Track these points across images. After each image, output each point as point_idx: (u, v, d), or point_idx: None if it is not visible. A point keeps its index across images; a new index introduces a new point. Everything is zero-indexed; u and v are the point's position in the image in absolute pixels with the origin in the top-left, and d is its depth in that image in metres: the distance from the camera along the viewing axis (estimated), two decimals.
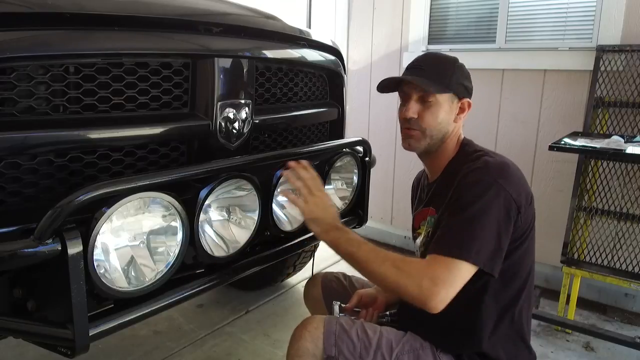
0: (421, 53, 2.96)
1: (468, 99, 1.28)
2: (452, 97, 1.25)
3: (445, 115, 1.25)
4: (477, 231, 1.08)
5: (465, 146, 1.30)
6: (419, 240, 1.35)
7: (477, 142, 1.33)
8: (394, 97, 3.14)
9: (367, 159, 1.70)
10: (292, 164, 1.32)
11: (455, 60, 1.29)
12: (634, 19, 2.27)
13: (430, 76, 1.24)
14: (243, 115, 1.36)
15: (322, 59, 1.73)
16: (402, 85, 1.28)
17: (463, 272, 1.08)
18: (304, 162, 1.34)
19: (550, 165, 2.54)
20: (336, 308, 1.38)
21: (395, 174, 3.19)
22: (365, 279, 1.59)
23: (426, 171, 1.40)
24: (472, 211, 1.10)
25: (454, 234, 1.11)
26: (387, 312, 1.41)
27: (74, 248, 0.89)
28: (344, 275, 1.59)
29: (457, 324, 1.20)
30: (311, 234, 1.54)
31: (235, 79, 1.33)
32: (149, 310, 1.08)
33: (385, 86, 1.32)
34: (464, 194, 1.14)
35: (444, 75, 1.24)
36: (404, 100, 1.28)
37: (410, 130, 1.28)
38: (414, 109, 1.26)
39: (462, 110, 1.28)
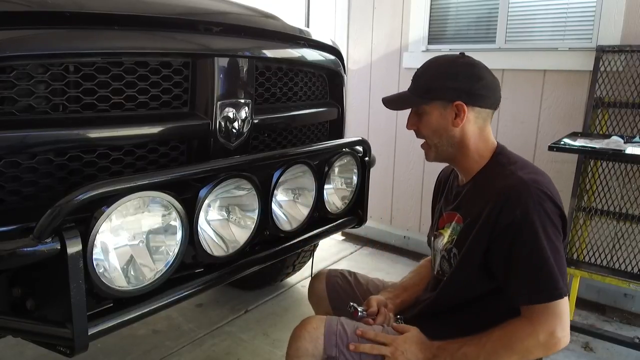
0: (421, 53, 2.97)
1: (461, 102, 1.20)
2: (440, 103, 1.22)
3: (438, 123, 1.23)
4: (553, 265, 1.09)
5: (498, 155, 1.25)
6: (440, 243, 1.33)
7: None
8: None
9: (366, 158, 1.70)
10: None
11: (448, 62, 1.24)
12: (634, 19, 2.27)
13: (414, 89, 1.26)
14: (243, 114, 1.36)
15: (322, 58, 1.73)
16: None
17: (563, 307, 1.10)
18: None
19: (550, 166, 2.54)
20: (360, 310, 1.36)
21: (395, 173, 3.19)
22: (370, 276, 1.60)
23: (457, 172, 1.36)
24: (540, 249, 1.09)
25: (537, 278, 1.10)
26: (398, 316, 1.40)
27: (73, 247, 0.89)
28: (349, 271, 1.59)
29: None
30: (310, 233, 1.55)
31: (235, 79, 1.33)
32: (148, 309, 1.08)
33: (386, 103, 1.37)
34: (520, 233, 1.10)
35: (427, 84, 1.24)
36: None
37: (422, 144, 1.31)
38: (411, 121, 1.29)
39: (459, 113, 1.22)
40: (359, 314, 1.35)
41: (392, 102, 1.33)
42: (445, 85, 1.21)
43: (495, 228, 1.12)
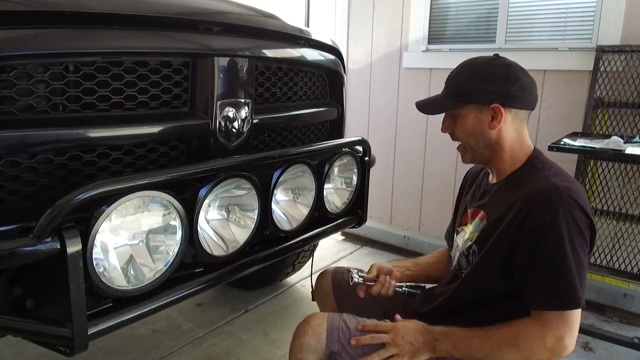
0: (420, 53, 2.97)
1: (498, 104, 1.18)
2: (476, 106, 1.21)
3: (474, 126, 1.22)
4: (574, 274, 1.08)
5: (534, 160, 1.24)
6: (461, 239, 1.33)
7: None
8: (393, 97, 3.14)
9: (366, 158, 1.70)
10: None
11: (479, 64, 1.23)
12: (634, 20, 2.27)
13: (449, 92, 1.25)
14: (243, 114, 1.36)
15: (322, 58, 1.73)
16: None
17: (574, 316, 1.10)
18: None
19: None
20: (355, 275, 1.38)
21: (395, 173, 3.19)
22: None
23: (489, 171, 1.34)
24: (563, 256, 1.08)
25: (556, 284, 1.09)
26: (403, 284, 1.42)
27: (73, 247, 0.89)
28: (356, 269, 1.59)
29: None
30: (310, 233, 1.55)
31: (234, 78, 1.33)
32: (148, 309, 1.08)
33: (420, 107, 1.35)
34: (546, 239, 1.09)
35: (462, 87, 1.22)
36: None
37: (458, 145, 1.31)
38: (445, 124, 1.28)
39: (496, 115, 1.20)
40: (355, 279, 1.37)
41: (426, 107, 1.31)
42: (482, 88, 1.20)
43: (521, 230, 1.12)
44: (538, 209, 1.10)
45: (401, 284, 1.42)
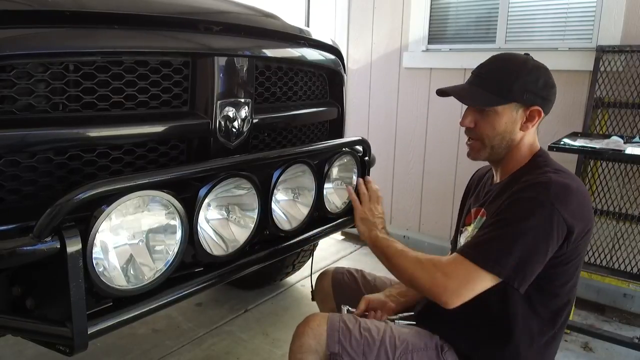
0: (420, 52, 2.97)
1: (538, 107, 1.17)
2: (515, 105, 1.17)
3: (506, 126, 1.19)
4: (514, 248, 1.06)
5: (538, 158, 1.23)
6: (463, 238, 1.34)
7: None
8: (393, 97, 3.14)
9: (366, 158, 1.69)
10: (363, 180, 1.51)
11: (524, 62, 1.19)
12: (634, 20, 2.27)
13: (488, 85, 1.18)
14: (243, 114, 1.36)
15: (322, 58, 1.73)
16: None
17: (483, 280, 1.08)
18: (371, 180, 1.51)
19: None
20: (344, 311, 1.37)
21: (395, 173, 3.19)
22: (379, 273, 1.60)
23: (494, 172, 1.34)
24: (517, 228, 1.07)
25: (490, 244, 1.08)
26: (397, 316, 1.39)
27: (73, 246, 0.89)
28: (356, 269, 1.59)
29: (487, 332, 1.20)
30: (310, 233, 1.55)
31: (234, 78, 1.33)
32: (148, 308, 1.08)
33: (442, 93, 1.28)
34: (515, 207, 1.10)
35: (504, 83, 1.16)
36: (466, 107, 1.25)
37: (470, 141, 1.26)
38: (469, 118, 1.22)
39: (531, 118, 1.18)
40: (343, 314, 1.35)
41: (461, 95, 1.22)
42: (527, 88, 1.16)
43: (500, 202, 1.14)
44: (530, 187, 1.11)
45: (394, 317, 1.38)
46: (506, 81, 1.17)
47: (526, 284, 1.08)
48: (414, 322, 1.35)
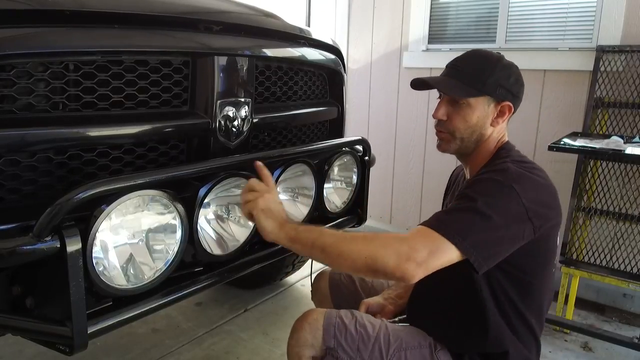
0: (421, 52, 2.97)
1: (509, 103, 1.20)
2: (488, 99, 1.19)
3: (478, 119, 1.20)
4: (474, 221, 1.04)
5: (501, 150, 1.23)
6: None
7: None
8: (393, 97, 3.14)
9: (366, 158, 1.70)
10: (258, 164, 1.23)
11: (498, 59, 1.21)
12: (634, 20, 2.27)
13: (463, 77, 1.20)
14: (243, 113, 1.36)
15: (322, 57, 1.73)
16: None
17: (447, 251, 1.02)
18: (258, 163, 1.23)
19: (550, 165, 2.54)
20: None
21: (395, 173, 3.19)
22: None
23: (464, 170, 1.35)
24: (480, 203, 1.05)
25: (452, 215, 1.07)
26: (397, 319, 1.38)
27: (73, 245, 0.89)
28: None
29: (465, 325, 1.20)
30: None
31: (235, 77, 1.33)
32: (148, 308, 1.08)
33: (417, 84, 1.28)
34: (476, 186, 1.11)
35: (480, 77, 1.18)
36: (440, 100, 1.26)
37: (440, 133, 1.26)
38: (442, 110, 1.23)
39: (501, 113, 1.21)
40: None
41: (440, 84, 1.23)
42: (499, 83, 1.18)
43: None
44: (483, 173, 1.14)
45: (394, 320, 1.37)
46: (481, 74, 1.18)
47: (485, 265, 1.04)
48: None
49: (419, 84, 1.27)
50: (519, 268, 1.13)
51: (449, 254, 1.02)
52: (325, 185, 1.56)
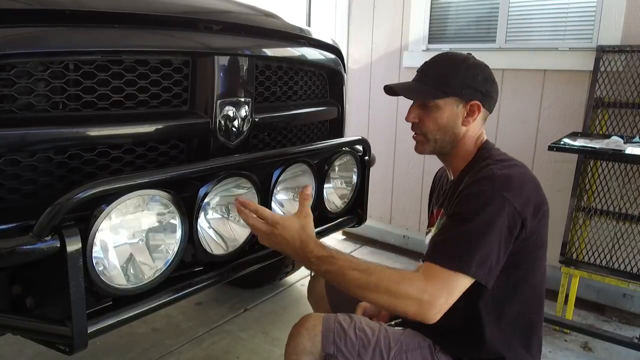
0: (421, 52, 2.96)
1: (477, 101, 1.21)
2: (455, 100, 1.21)
3: (448, 120, 1.22)
4: (477, 244, 1.06)
5: (482, 150, 1.26)
6: (428, 239, 1.35)
7: None
8: (393, 97, 3.14)
9: (366, 158, 1.70)
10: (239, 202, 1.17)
11: (463, 60, 1.23)
12: (634, 20, 2.27)
13: (429, 81, 1.23)
14: (243, 113, 1.36)
15: (322, 57, 1.73)
16: None
17: (460, 283, 1.06)
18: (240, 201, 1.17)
19: (550, 165, 2.54)
20: None
21: (395, 173, 3.19)
22: None
23: (447, 170, 1.37)
24: (474, 224, 1.07)
25: (453, 245, 1.08)
26: (393, 322, 1.38)
27: (73, 245, 0.89)
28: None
29: (461, 330, 1.20)
30: None
31: (235, 77, 1.33)
32: (148, 307, 1.08)
33: (388, 91, 1.32)
34: (466, 205, 1.12)
35: (444, 79, 1.21)
36: (411, 104, 1.28)
37: (415, 135, 1.30)
38: (413, 113, 1.27)
39: (471, 112, 1.22)
40: None
41: (408, 92, 1.27)
42: (465, 83, 1.20)
43: (452, 202, 1.16)
44: (471, 185, 1.14)
45: (390, 323, 1.37)
46: (445, 76, 1.21)
47: (492, 279, 1.09)
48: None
49: (389, 91, 1.31)
50: (512, 264, 1.14)
51: (463, 285, 1.07)
52: (325, 185, 1.56)
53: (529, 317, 1.22)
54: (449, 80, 1.21)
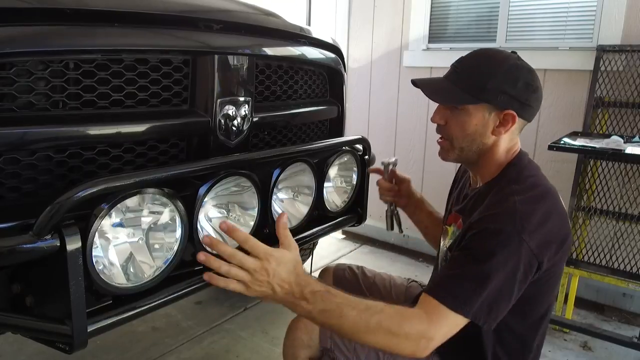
0: (421, 51, 2.96)
1: (513, 111, 1.07)
2: (488, 107, 1.08)
3: (476, 128, 1.10)
4: (486, 288, 0.99)
5: (512, 167, 1.13)
6: (443, 241, 1.31)
7: None
8: (393, 96, 3.14)
9: (366, 157, 1.69)
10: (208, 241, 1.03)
11: (504, 60, 1.08)
12: (635, 19, 2.27)
13: (460, 81, 1.10)
14: (243, 112, 1.36)
15: (322, 56, 1.73)
16: None
17: (461, 322, 1.01)
18: (226, 226, 1.03)
19: (550, 165, 2.54)
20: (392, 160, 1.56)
21: None
22: (379, 271, 1.60)
23: (470, 174, 1.26)
24: (485, 266, 0.99)
25: (461, 284, 1.00)
26: (397, 210, 1.61)
27: (73, 244, 0.89)
28: (357, 266, 1.58)
29: (462, 343, 1.14)
30: (310, 231, 1.54)
31: (235, 76, 1.33)
32: (148, 306, 1.08)
33: (415, 85, 1.21)
34: (480, 242, 1.02)
35: (479, 81, 1.07)
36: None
37: (441, 139, 1.19)
38: (440, 114, 1.15)
39: (504, 123, 1.09)
40: (391, 162, 1.58)
41: (433, 93, 1.14)
42: (502, 89, 1.06)
43: (467, 232, 1.07)
44: (490, 218, 1.04)
45: (395, 210, 1.57)
46: (480, 79, 1.07)
47: (494, 322, 1.02)
48: (396, 229, 1.50)
49: (416, 84, 1.22)
50: (523, 299, 1.07)
51: (460, 324, 1.01)
52: (325, 185, 1.56)
53: (531, 343, 1.17)
54: (484, 83, 1.06)
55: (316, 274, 1.65)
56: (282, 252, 1.02)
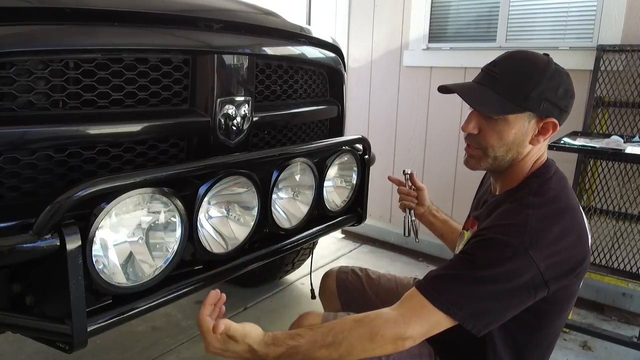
0: (421, 51, 2.96)
1: (554, 119, 1.03)
2: (529, 115, 1.03)
3: (515, 137, 1.04)
4: (476, 294, 0.96)
5: (535, 178, 1.08)
6: (458, 247, 1.31)
7: None
8: (393, 96, 3.14)
9: (366, 157, 1.70)
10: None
11: (545, 66, 1.03)
12: (635, 19, 2.27)
13: (501, 88, 1.02)
14: (242, 112, 1.36)
15: (322, 56, 1.73)
16: None
17: (442, 323, 0.98)
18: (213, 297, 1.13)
19: None
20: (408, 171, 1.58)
21: (395, 172, 3.19)
22: (381, 271, 1.59)
23: (492, 180, 1.21)
24: (482, 273, 0.96)
25: (451, 284, 0.98)
26: (415, 220, 1.60)
27: (73, 243, 0.89)
28: (360, 268, 1.58)
29: (466, 344, 1.13)
30: (310, 231, 1.55)
31: (235, 76, 1.33)
32: (147, 306, 1.08)
33: (445, 91, 1.12)
34: (484, 251, 0.98)
35: (522, 89, 1.00)
36: (471, 110, 1.08)
37: (470, 148, 1.11)
38: (474, 123, 1.07)
39: (544, 131, 1.04)
40: (407, 172, 1.58)
41: (477, 102, 1.05)
42: (545, 97, 1.01)
43: (474, 237, 1.04)
44: (499, 227, 1.01)
45: (413, 218, 1.59)
46: (524, 86, 1.01)
47: (484, 329, 0.98)
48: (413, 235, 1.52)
49: (446, 91, 1.11)
50: (532, 313, 1.04)
51: (445, 324, 0.98)
52: (325, 184, 1.56)
53: (542, 351, 1.15)
54: (528, 91, 1.00)
55: (316, 274, 1.65)
56: (249, 327, 1.12)
